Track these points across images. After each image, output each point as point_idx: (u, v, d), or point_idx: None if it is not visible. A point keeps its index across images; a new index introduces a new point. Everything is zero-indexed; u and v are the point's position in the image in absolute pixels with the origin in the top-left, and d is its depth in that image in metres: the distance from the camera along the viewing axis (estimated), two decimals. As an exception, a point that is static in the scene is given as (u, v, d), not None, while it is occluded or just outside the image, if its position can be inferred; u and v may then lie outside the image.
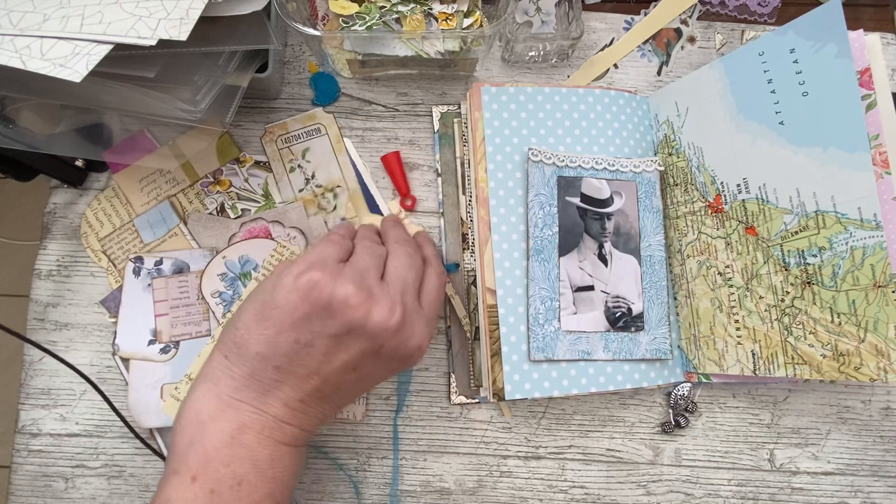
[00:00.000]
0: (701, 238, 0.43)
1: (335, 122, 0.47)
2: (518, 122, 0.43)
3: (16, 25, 0.34)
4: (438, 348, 0.45)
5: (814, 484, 0.45)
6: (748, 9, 0.51)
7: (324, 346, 0.31)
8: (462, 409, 0.45)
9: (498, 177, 0.42)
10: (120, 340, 0.43)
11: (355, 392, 0.34)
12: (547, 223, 0.42)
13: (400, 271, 0.34)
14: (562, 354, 0.40)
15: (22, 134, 0.39)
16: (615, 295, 0.42)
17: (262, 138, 0.47)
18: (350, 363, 0.32)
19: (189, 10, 0.35)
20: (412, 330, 0.32)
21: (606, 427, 0.45)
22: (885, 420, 0.45)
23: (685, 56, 0.50)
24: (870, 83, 0.35)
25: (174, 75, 0.37)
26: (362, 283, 0.31)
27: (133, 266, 0.44)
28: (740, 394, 0.45)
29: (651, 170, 0.44)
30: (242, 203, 0.46)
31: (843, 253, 0.36)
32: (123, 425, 0.43)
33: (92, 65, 0.31)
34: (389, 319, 0.31)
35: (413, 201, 0.47)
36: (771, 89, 0.38)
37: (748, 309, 0.40)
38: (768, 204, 0.39)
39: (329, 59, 0.46)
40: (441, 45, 0.43)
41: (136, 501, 0.43)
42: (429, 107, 0.48)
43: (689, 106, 0.44)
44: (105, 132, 0.42)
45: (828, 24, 0.35)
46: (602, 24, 0.50)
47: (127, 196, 0.46)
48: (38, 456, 0.43)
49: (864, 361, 0.35)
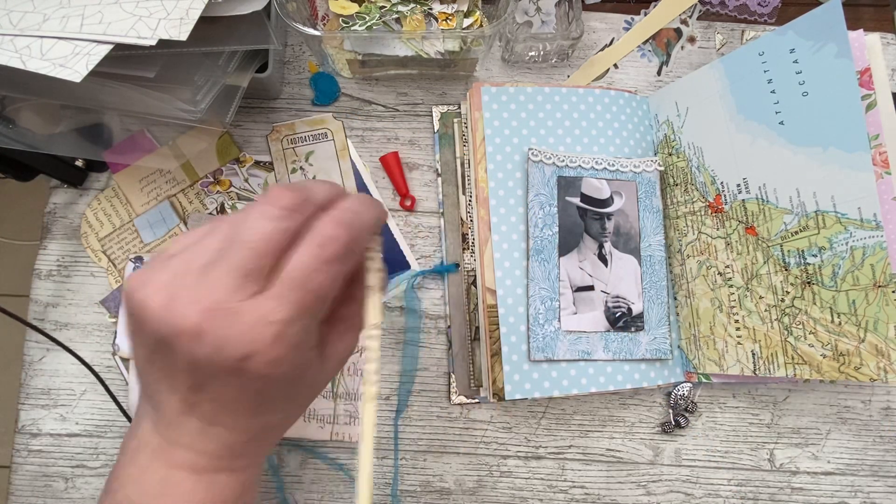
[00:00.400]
0: (701, 238, 0.43)
1: (343, 128, 0.47)
2: (518, 122, 0.43)
3: (16, 25, 0.34)
4: (438, 348, 0.45)
5: (814, 484, 0.45)
6: (748, 9, 0.51)
7: (149, 365, 0.23)
8: (462, 409, 0.45)
9: (498, 177, 0.42)
10: (120, 341, 0.43)
11: (265, 410, 0.25)
12: (547, 223, 0.42)
13: (230, 244, 0.22)
14: (562, 354, 0.40)
15: (22, 134, 0.39)
16: (615, 295, 0.42)
17: (269, 136, 0.47)
18: (181, 383, 0.23)
19: (189, 10, 0.35)
20: (226, 330, 0.21)
21: (606, 427, 0.45)
22: (885, 420, 0.45)
23: (685, 56, 0.50)
24: (870, 83, 0.35)
25: (174, 75, 0.37)
26: (173, 273, 0.22)
27: (133, 266, 0.44)
28: (740, 394, 0.45)
29: (651, 170, 0.44)
30: (242, 203, 0.46)
31: (843, 253, 0.36)
32: (125, 424, 0.43)
33: (92, 65, 0.31)
34: (172, 317, 0.21)
35: (413, 201, 0.47)
36: (771, 89, 0.38)
37: (748, 309, 0.40)
38: (768, 204, 0.39)
39: (329, 59, 0.46)
40: (441, 45, 0.43)
41: (136, 501, 0.43)
42: (429, 107, 0.48)
43: (689, 106, 0.44)
44: (105, 132, 0.42)
45: (828, 24, 0.35)
46: (602, 24, 0.50)
47: (127, 196, 0.46)
48: (38, 456, 0.43)
49: (864, 361, 0.35)
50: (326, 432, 0.43)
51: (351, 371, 0.43)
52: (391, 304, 0.46)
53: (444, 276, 0.46)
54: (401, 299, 0.45)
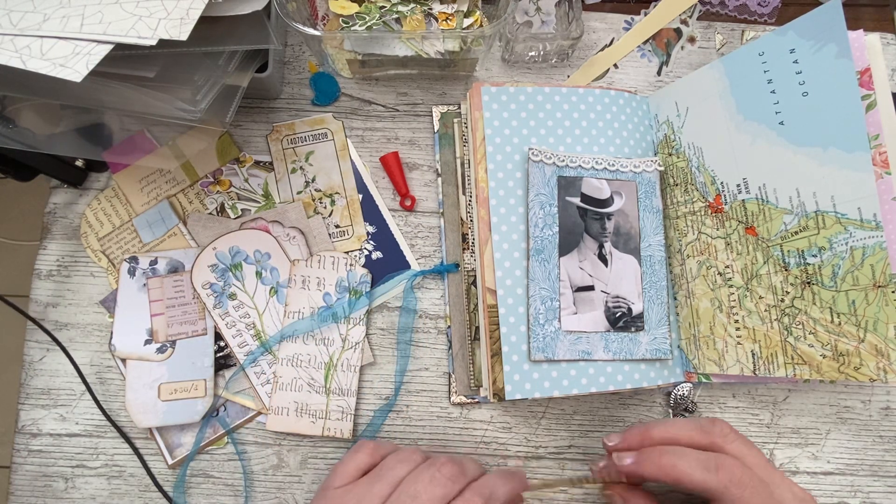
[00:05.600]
0: (701, 238, 0.43)
1: (343, 129, 0.47)
2: (518, 121, 0.43)
3: (16, 25, 0.34)
4: (438, 348, 0.45)
5: (814, 484, 0.45)
6: (748, 9, 0.51)
7: None
8: (462, 409, 0.45)
9: (498, 177, 0.42)
10: (116, 340, 0.43)
11: None
12: (547, 223, 0.42)
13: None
14: (562, 354, 0.40)
15: (22, 134, 0.39)
16: (615, 295, 0.42)
17: (269, 136, 0.47)
18: None
19: (189, 10, 0.35)
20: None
21: (606, 427, 0.45)
22: (885, 420, 0.45)
23: (685, 56, 0.50)
24: (870, 83, 0.35)
25: (174, 75, 0.37)
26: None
27: (128, 266, 0.44)
28: (740, 394, 0.45)
29: (651, 170, 0.44)
30: (242, 203, 0.46)
31: (843, 253, 0.36)
32: (124, 425, 0.43)
33: (92, 65, 0.31)
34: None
35: (413, 201, 0.47)
36: (771, 89, 0.38)
37: (748, 309, 0.40)
38: (768, 204, 0.39)
39: (329, 59, 0.46)
40: (441, 45, 0.43)
41: (136, 501, 0.43)
42: (429, 107, 0.48)
43: (689, 106, 0.44)
44: (105, 132, 0.42)
45: (828, 25, 0.35)
46: (602, 24, 0.50)
47: (127, 196, 0.46)
48: (38, 456, 0.43)
49: (863, 361, 0.35)
50: (318, 427, 0.43)
51: (343, 367, 0.43)
52: (391, 304, 0.46)
53: (444, 275, 0.46)
54: (400, 299, 0.45)
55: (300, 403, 0.43)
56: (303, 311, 0.44)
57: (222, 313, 0.44)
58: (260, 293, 0.44)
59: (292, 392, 0.43)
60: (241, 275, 0.44)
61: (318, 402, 0.43)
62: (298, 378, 0.43)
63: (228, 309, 0.44)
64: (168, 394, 0.43)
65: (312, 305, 0.44)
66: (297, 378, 0.43)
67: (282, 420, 0.43)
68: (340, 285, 0.45)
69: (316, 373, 0.43)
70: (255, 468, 0.43)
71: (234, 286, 0.44)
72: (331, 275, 0.45)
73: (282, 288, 0.45)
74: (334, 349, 0.44)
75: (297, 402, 0.43)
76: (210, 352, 0.44)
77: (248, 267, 0.45)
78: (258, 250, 0.45)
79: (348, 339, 0.44)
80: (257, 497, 0.43)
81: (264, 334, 0.44)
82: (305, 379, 0.43)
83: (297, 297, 0.44)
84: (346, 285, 0.45)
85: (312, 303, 0.44)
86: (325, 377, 0.43)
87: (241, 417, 0.43)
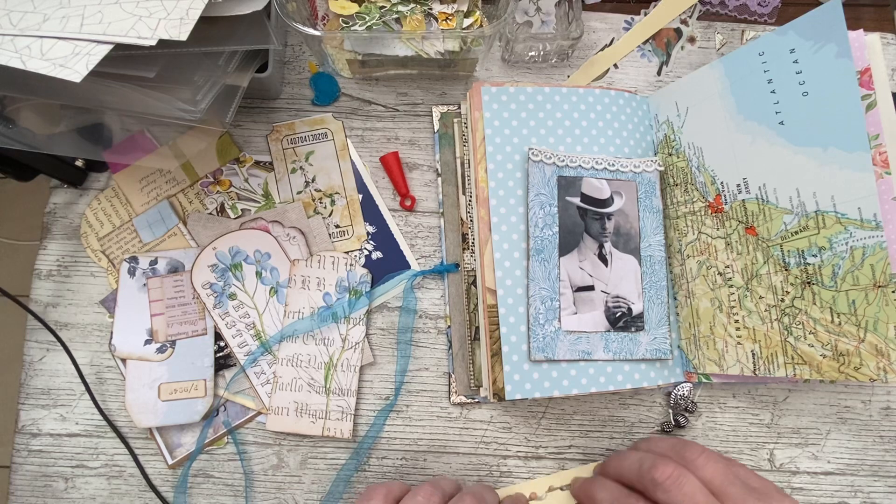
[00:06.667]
0: (701, 238, 0.43)
1: (343, 128, 0.47)
2: (518, 121, 0.43)
3: (16, 25, 0.34)
4: (438, 348, 0.45)
5: (814, 484, 0.45)
6: (748, 9, 0.51)
7: None
8: (462, 409, 0.45)
9: (498, 177, 0.42)
10: (116, 340, 0.43)
11: None
12: (547, 223, 0.42)
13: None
14: (562, 354, 0.40)
15: (22, 134, 0.39)
16: (615, 295, 0.42)
17: (269, 136, 0.47)
18: None
19: (189, 10, 0.35)
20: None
21: (606, 427, 0.45)
22: (885, 420, 0.45)
23: (685, 56, 0.50)
24: (870, 83, 0.35)
25: (174, 75, 0.37)
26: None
27: (128, 266, 0.44)
28: (740, 394, 0.45)
29: (651, 170, 0.44)
30: (242, 203, 0.46)
31: (843, 253, 0.36)
32: (123, 425, 0.43)
33: (92, 65, 0.31)
34: None
35: (413, 201, 0.47)
36: (771, 89, 0.38)
37: (748, 309, 0.40)
38: (768, 204, 0.39)
39: (329, 59, 0.47)
40: (441, 45, 0.43)
41: (136, 501, 0.43)
42: (429, 107, 0.48)
43: (689, 106, 0.44)
44: (105, 132, 0.42)
45: (828, 24, 0.35)
46: (602, 24, 0.50)
47: (127, 196, 0.46)
48: (38, 456, 0.43)
49: (863, 361, 0.35)
50: (318, 427, 0.43)
51: (343, 367, 0.43)
52: (391, 304, 0.46)
53: (444, 275, 0.46)
54: (400, 299, 0.45)
55: (300, 403, 0.43)
56: (303, 311, 0.44)
57: (222, 313, 0.44)
58: (260, 293, 0.44)
59: (292, 392, 0.43)
60: (241, 275, 0.44)
61: (318, 402, 0.43)
62: (298, 378, 0.43)
63: (228, 309, 0.44)
64: (168, 394, 0.43)
65: (312, 305, 0.44)
66: (297, 378, 0.43)
67: (282, 420, 0.43)
68: (340, 285, 0.45)
69: (316, 373, 0.43)
70: (255, 468, 0.43)
71: (234, 286, 0.44)
72: (331, 275, 0.45)
73: (282, 288, 0.45)
74: (334, 349, 0.44)
75: (297, 402, 0.43)
76: (210, 352, 0.44)
77: (248, 267, 0.45)
78: (258, 250, 0.45)
79: (348, 339, 0.44)
80: (257, 497, 0.43)
81: (264, 334, 0.44)
82: (305, 379, 0.43)
83: (297, 297, 0.44)
84: (346, 285, 0.45)
85: (312, 303, 0.44)
86: (325, 377, 0.43)
87: (241, 417, 0.43)
